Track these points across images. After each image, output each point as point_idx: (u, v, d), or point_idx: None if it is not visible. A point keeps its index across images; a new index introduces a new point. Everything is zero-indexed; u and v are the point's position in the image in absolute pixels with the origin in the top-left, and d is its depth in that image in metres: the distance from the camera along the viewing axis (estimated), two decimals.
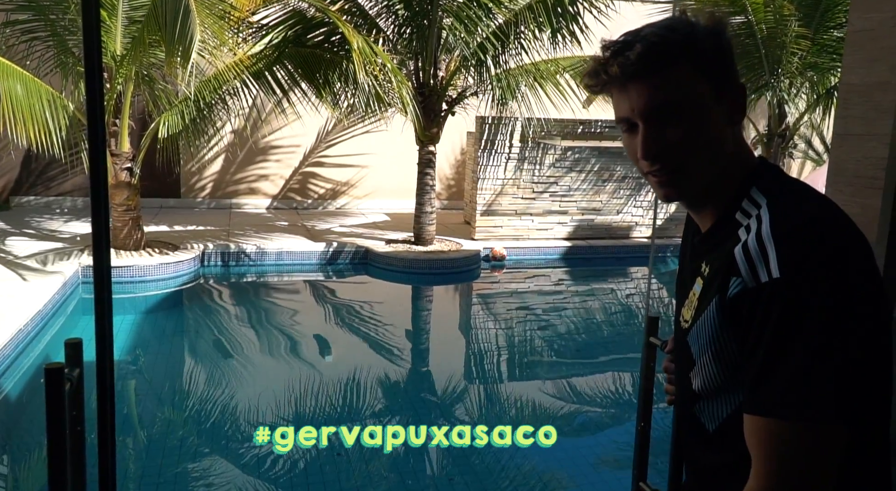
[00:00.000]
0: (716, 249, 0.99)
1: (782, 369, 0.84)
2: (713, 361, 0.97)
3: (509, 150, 8.36)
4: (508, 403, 4.70)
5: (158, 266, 6.39)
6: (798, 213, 0.91)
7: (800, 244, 0.86)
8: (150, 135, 6.51)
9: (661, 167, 0.97)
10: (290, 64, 6.57)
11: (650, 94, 0.94)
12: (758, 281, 0.87)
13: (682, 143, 0.95)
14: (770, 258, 0.86)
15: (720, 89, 0.97)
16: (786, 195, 0.95)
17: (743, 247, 0.90)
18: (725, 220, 1.00)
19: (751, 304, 0.88)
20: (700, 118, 0.96)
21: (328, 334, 5.88)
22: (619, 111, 0.99)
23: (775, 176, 1.01)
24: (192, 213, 9.38)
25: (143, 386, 4.57)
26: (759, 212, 0.93)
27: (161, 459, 3.54)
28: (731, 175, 1.00)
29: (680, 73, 0.94)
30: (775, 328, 0.85)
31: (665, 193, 1.00)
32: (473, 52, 7.21)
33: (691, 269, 1.08)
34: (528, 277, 8.14)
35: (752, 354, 0.88)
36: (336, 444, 3.81)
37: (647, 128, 0.96)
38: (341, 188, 10.51)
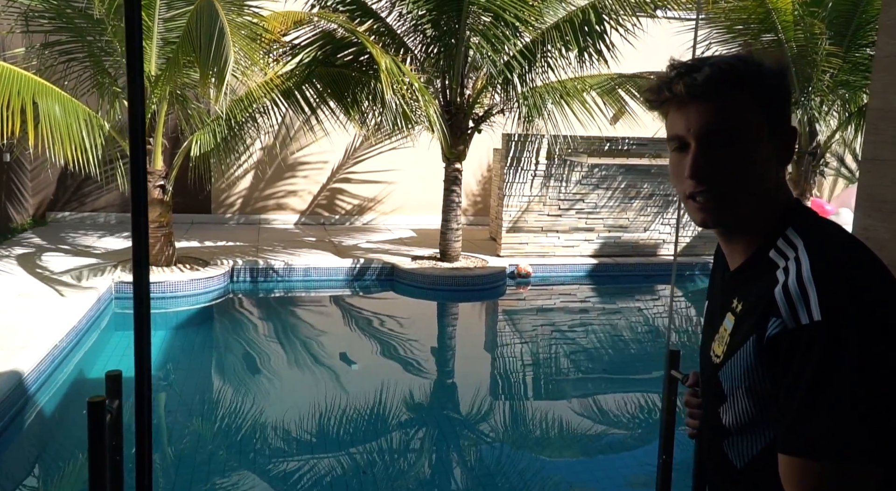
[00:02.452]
0: (749, 285, 1.01)
1: (821, 410, 0.86)
2: (746, 397, 0.98)
3: (535, 167, 8.38)
4: (534, 421, 4.68)
5: (189, 282, 6.51)
6: (839, 259, 0.93)
7: (841, 290, 0.89)
8: (182, 153, 6.67)
9: (706, 190, 0.99)
10: (319, 83, 6.69)
11: (710, 116, 0.97)
12: (798, 323, 0.89)
13: (728, 169, 0.98)
14: (811, 301, 0.88)
15: (774, 127, 1.00)
16: (823, 238, 0.97)
17: (783, 288, 0.92)
18: (759, 257, 1.01)
19: (790, 344, 0.89)
20: (751, 149, 0.98)
21: (354, 350, 5.92)
22: (673, 129, 1.02)
23: (811, 218, 1.03)
24: (221, 229, 9.54)
25: (174, 400, 4.64)
26: (798, 254, 0.95)
27: (191, 474, 3.60)
28: (769, 212, 1.02)
29: (741, 102, 0.97)
30: (815, 369, 0.86)
31: (703, 218, 1.02)
32: (500, 71, 7.26)
33: (722, 303, 1.09)
34: (554, 294, 8.12)
35: (790, 394, 0.89)
36: (362, 461, 3.84)
37: (700, 148, 0.98)
38: (368, 204, 10.61)
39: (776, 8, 7.55)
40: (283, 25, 6.31)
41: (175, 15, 6.36)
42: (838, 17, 7.88)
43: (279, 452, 3.90)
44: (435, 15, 7.02)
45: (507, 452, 4.17)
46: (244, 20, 5.67)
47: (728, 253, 1.09)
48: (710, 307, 1.17)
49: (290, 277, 7.38)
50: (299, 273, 7.40)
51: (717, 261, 1.18)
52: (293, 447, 3.97)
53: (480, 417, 4.68)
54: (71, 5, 6.23)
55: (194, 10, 5.30)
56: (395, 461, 3.94)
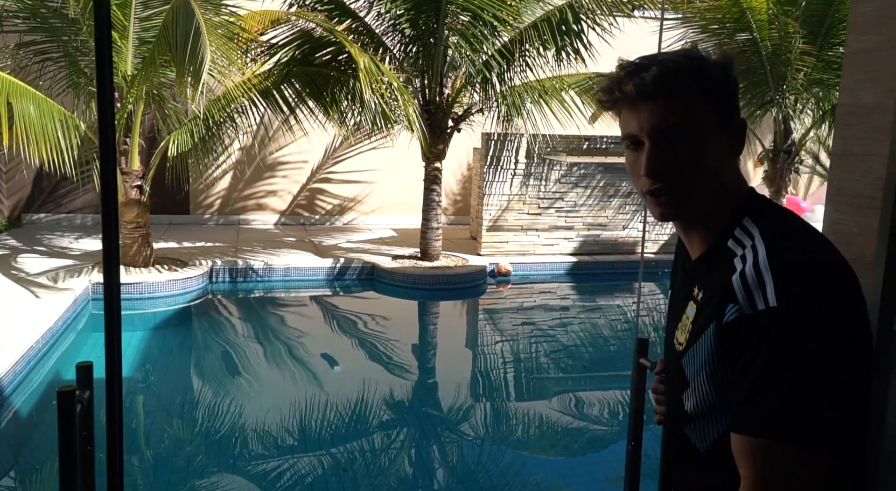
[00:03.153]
0: (708, 274, 1.04)
1: (773, 391, 0.89)
2: (707, 382, 1.01)
3: (515, 166, 8.41)
4: (515, 419, 4.71)
5: (167, 282, 6.45)
6: (794, 247, 0.96)
7: (796, 276, 0.92)
8: (159, 153, 6.60)
9: (662, 186, 1.02)
10: (297, 82, 6.66)
11: (660, 114, 1.00)
12: (755, 308, 0.91)
13: (684, 164, 1.00)
14: (767, 288, 0.91)
15: (724, 120, 1.03)
16: (778, 226, 1.01)
17: (741, 276, 0.94)
18: (718, 247, 1.04)
19: (747, 329, 0.92)
20: (703, 144, 1.01)
21: (334, 350, 5.91)
22: (626, 128, 1.05)
23: (766, 207, 1.06)
24: (200, 229, 9.46)
25: (152, 402, 4.60)
26: (754, 242, 0.98)
27: (168, 476, 3.57)
28: (726, 203, 1.05)
29: (690, 98, 1.00)
30: (770, 352, 0.89)
31: (661, 212, 1.05)
32: (479, 70, 7.29)
33: (684, 293, 1.12)
34: (534, 292, 8.16)
35: (744, 376, 0.92)
36: (343, 461, 3.83)
37: (654, 146, 1.01)
38: (348, 204, 10.59)
39: (750, 7, 7.66)
40: (260, 24, 6.27)
41: (151, 14, 6.30)
42: (811, 16, 8.01)
43: (259, 452, 3.88)
44: (413, 14, 7.02)
45: (488, 449, 4.17)
46: (221, 19, 5.63)
47: (688, 244, 1.12)
48: (674, 297, 1.20)
49: (269, 278, 7.34)
50: (279, 273, 7.36)
51: (679, 252, 1.22)
52: (273, 448, 3.95)
53: (461, 415, 4.69)
54: (45, 5, 6.14)
55: (170, 9, 5.25)
56: (376, 460, 3.93)
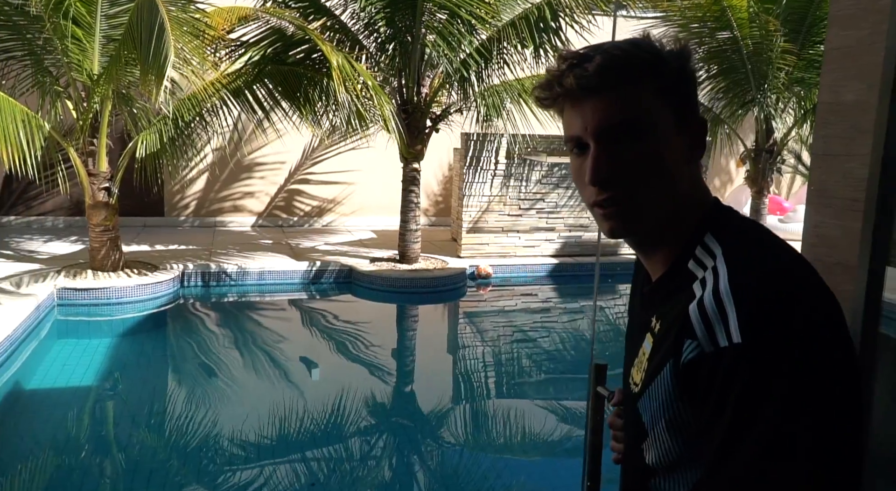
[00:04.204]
0: (667, 301, 0.89)
1: (743, 450, 0.73)
2: (667, 433, 0.86)
3: (495, 166, 8.29)
4: (495, 423, 4.61)
5: (136, 287, 6.26)
6: (760, 267, 0.80)
7: (763, 303, 0.76)
8: (128, 154, 6.40)
9: (610, 196, 0.87)
10: (269, 82, 6.49)
11: (606, 110, 0.85)
12: (716, 345, 0.76)
13: (635, 169, 0.85)
14: (730, 319, 0.76)
15: (681, 119, 0.88)
16: (744, 243, 0.85)
17: (698, 305, 0.79)
18: (677, 268, 0.89)
19: (708, 371, 0.77)
20: (657, 146, 0.86)
21: (309, 355, 5.75)
22: (569, 129, 0.89)
23: (731, 220, 0.90)
24: (175, 232, 9.25)
25: (121, 410, 4.45)
26: (716, 263, 0.82)
27: (138, 485, 3.43)
28: (685, 216, 0.90)
29: (641, 92, 0.85)
30: (736, 402, 0.74)
31: (610, 227, 0.89)
32: (457, 69, 7.16)
33: (640, 323, 0.97)
34: (515, 295, 8.04)
35: (709, 431, 0.77)
36: (318, 468, 3.71)
37: (599, 148, 0.86)
38: (327, 205, 10.42)
39: (731, 5, 7.60)
40: (227, 22, 6.09)
41: (119, 11, 6.10)
42: (793, 13, 7.97)
43: (232, 461, 3.76)
44: (389, 12, 6.88)
45: (467, 455, 4.10)
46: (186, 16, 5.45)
47: (647, 264, 0.97)
48: (630, 327, 1.05)
49: (243, 281, 7.16)
50: (253, 277, 7.19)
51: (637, 274, 1.06)
52: (246, 456, 3.82)
53: (440, 420, 4.58)
54: (7, 2, 5.93)
55: (135, 5, 5.08)
56: (354, 468, 3.83)
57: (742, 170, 9.41)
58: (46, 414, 4.22)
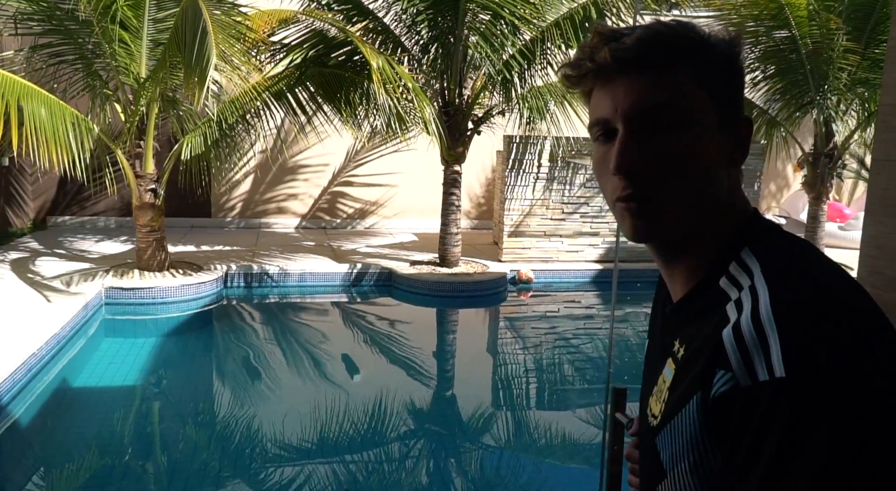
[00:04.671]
0: (693, 324, 0.77)
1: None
2: (689, 475, 0.74)
3: (538, 169, 8.15)
4: (537, 431, 4.51)
5: (180, 287, 6.36)
6: (809, 289, 0.69)
7: (813, 332, 0.65)
8: (173, 156, 6.52)
9: (636, 190, 0.76)
10: (311, 84, 6.51)
11: (642, 91, 0.74)
12: (755, 379, 0.65)
13: (668, 163, 0.74)
14: (772, 349, 0.65)
15: (725, 115, 0.77)
16: (788, 262, 0.73)
17: (734, 330, 0.68)
18: (706, 285, 0.78)
19: (743, 409, 0.66)
20: (695, 140, 0.75)
21: (348, 357, 5.75)
22: (596, 111, 0.78)
23: (773, 235, 0.79)
24: (221, 233, 9.40)
25: (165, 408, 4.53)
26: (753, 282, 0.71)
27: (184, 483, 3.47)
28: (719, 226, 0.79)
29: (683, 77, 0.74)
30: (776, 448, 0.63)
31: (633, 226, 0.78)
32: (499, 71, 7.06)
33: (662, 346, 0.85)
34: (557, 300, 7.89)
35: (742, 480, 0.67)
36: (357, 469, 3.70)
37: (629, 134, 0.75)
38: (370, 208, 10.44)
39: (789, 3, 7.27)
40: (267, 25, 6.13)
41: (166, 16, 6.22)
42: (856, 11, 7.58)
43: (274, 461, 3.77)
44: (432, 14, 6.83)
45: (507, 462, 4.02)
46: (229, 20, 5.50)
47: (669, 280, 0.85)
48: (650, 350, 0.93)
49: (284, 283, 7.21)
50: (294, 278, 7.23)
51: (660, 291, 0.94)
52: (288, 456, 3.84)
53: (480, 426, 4.51)
54: (60, 7, 6.10)
55: (181, 8, 5.15)
56: (392, 470, 3.82)
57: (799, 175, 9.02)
58: (92, 411, 4.30)
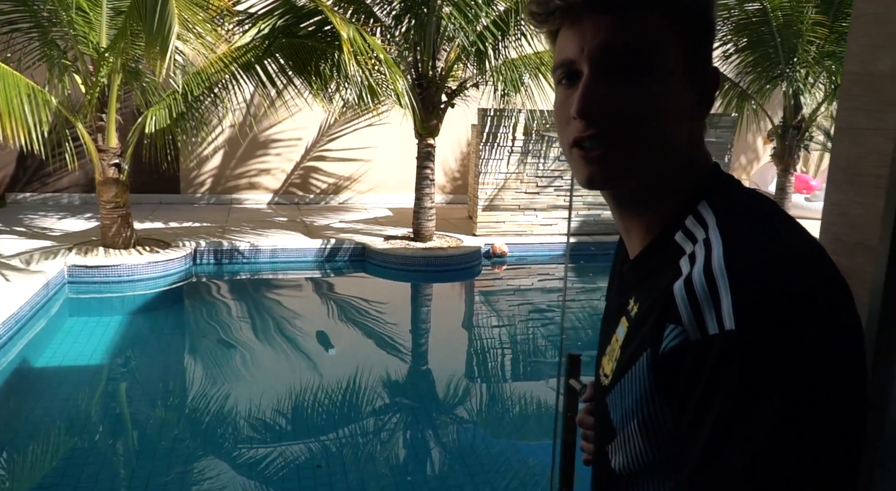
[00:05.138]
0: (648, 280, 0.75)
1: (731, 456, 0.61)
2: (639, 434, 0.72)
3: (512, 143, 8.11)
4: (512, 403, 4.53)
5: (147, 265, 6.24)
6: (764, 242, 0.66)
7: (765, 285, 0.62)
8: (137, 129, 6.34)
9: (595, 134, 0.72)
10: (280, 56, 6.35)
11: (610, 31, 0.71)
12: (704, 333, 0.63)
13: (631, 108, 0.71)
14: (723, 302, 0.62)
15: (692, 65, 0.74)
16: (745, 214, 0.71)
17: (686, 283, 0.65)
18: (662, 241, 0.75)
19: (693, 363, 0.64)
20: (661, 87, 0.72)
21: (322, 333, 5.71)
22: (562, 52, 0.74)
23: (732, 188, 0.76)
24: (190, 209, 9.24)
25: (133, 387, 4.46)
26: (708, 235, 0.69)
27: (151, 463, 3.42)
28: (679, 179, 0.76)
29: (653, 21, 0.71)
30: (725, 403, 0.61)
31: (589, 173, 0.74)
32: (473, 42, 6.96)
33: (617, 305, 0.83)
34: (532, 273, 7.90)
35: (692, 435, 0.64)
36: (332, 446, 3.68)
37: (594, 76, 0.71)
38: (344, 183, 10.32)
39: None
40: None
41: None
42: None
43: (247, 439, 3.73)
44: None
45: (482, 434, 4.04)
46: None
47: (626, 238, 0.82)
48: (607, 311, 0.91)
49: (256, 259, 7.12)
50: (266, 254, 7.14)
51: (619, 250, 0.91)
52: (261, 434, 3.81)
53: (455, 399, 4.53)
54: None
55: None
56: (368, 445, 3.81)
57: (769, 147, 9.09)
58: (56, 391, 4.22)
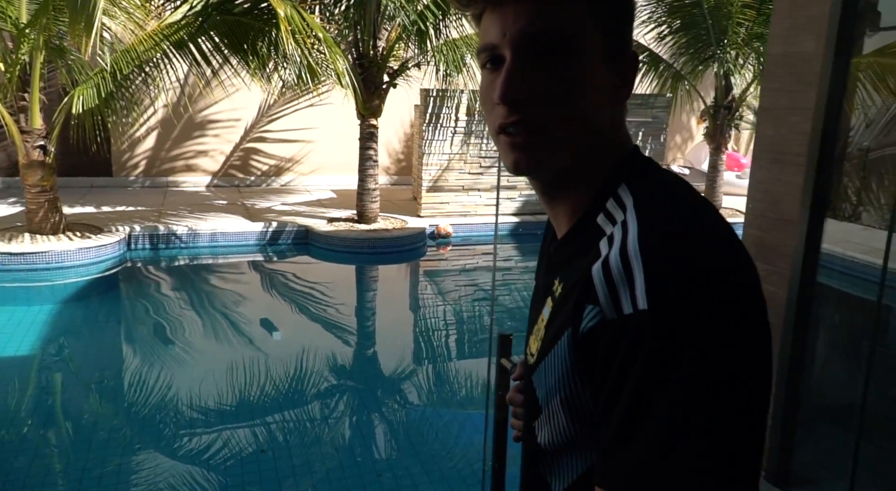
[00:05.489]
0: (572, 261, 0.77)
1: (644, 432, 0.63)
2: (562, 410, 0.75)
3: (455, 123, 8.11)
4: (458, 382, 4.57)
5: (78, 251, 6.01)
6: (675, 223, 0.69)
7: (676, 268, 0.65)
8: (64, 110, 6.07)
9: (519, 120, 0.73)
10: (215, 34, 6.16)
11: (531, 17, 0.72)
12: (620, 312, 0.65)
13: (553, 93, 0.73)
14: (636, 282, 0.64)
15: (612, 49, 0.76)
16: (660, 196, 0.73)
17: (603, 265, 0.67)
18: (586, 223, 0.77)
19: (609, 342, 0.66)
20: (582, 72, 0.73)
21: (265, 318, 5.62)
22: (486, 37, 0.76)
23: (649, 171, 0.78)
24: (124, 193, 8.92)
25: (67, 378, 4.32)
26: (626, 217, 0.71)
27: (87, 454, 3.33)
28: (600, 162, 0.78)
29: (574, 6, 0.73)
30: (639, 379, 0.63)
31: (515, 159, 0.75)
32: (413, 22, 6.90)
33: (544, 286, 0.85)
34: (476, 254, 7.97)
35: (609, 411, 0.67)
36: (279, 432, 3.64)
37: (516, 61, 0.73)
38: (285, 164, 10.14)
39: None
40: None
41: None
42: None
43: (188, 427, 3.66)
44: None
45: (429, 415, 4.07)
46: None
47: (554, 220, 0.84)
48: (535, 291, 0.93)
49: (195, 243, 6.94)
50: (205, 238, 6.97)
51: (547, 232, 0.93)
52: (204, 422, 3.74)
53: (402, 380, 4.56)
54: None
55: None
56: (314, 429, 3.79)
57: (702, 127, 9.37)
58: None
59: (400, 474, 3.29)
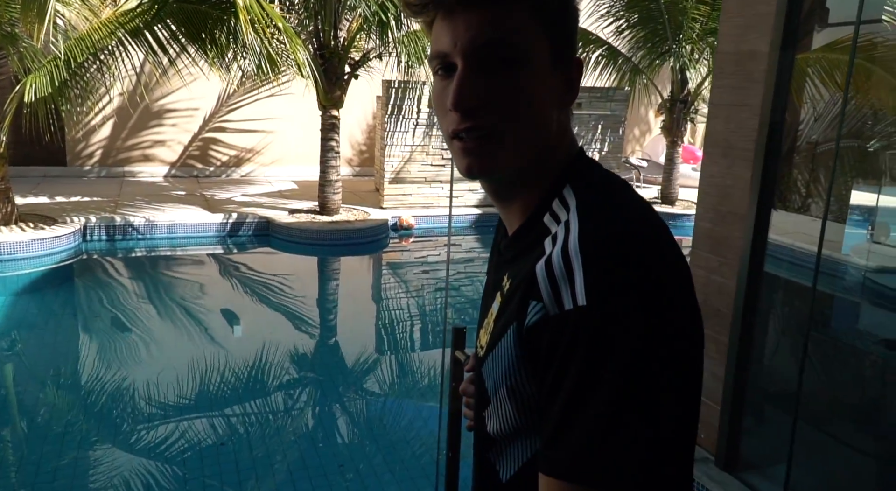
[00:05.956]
0: (520, 258, 0.81)
1: (583, 421, 0.67)
2: (508, 401, 0.79)
3: (417, 115, 8.12)
4: (420, 373, 4.60)
5: (31, 242, 5.86)
6: (614, 224, 0.73)
7: (613, 265, 0.69)
8: (15, 98, 5.89)
9: (472, 126, 0.76)
10: (172, 22, 6.04)
11: (481, 27, 0.75)
12: (561, 308, 0.69)
13: (504, 100, 0.76)
14: (576, 280, 0.68)
15: (558, 56, 0.79)
16: (599, 197, 0.77)
17: (546, 263, 0.71)
18: (533, 222, 0.81)
19: (551, 337, 0.70)
20: (530, 79, 0.76)
21: (225, 311, 5.57)
22: (437, 44, 0.78)
23: (592, 172, 0.82)
24: (79, 182, 8.71)
25: (20, 371, 4.23)
26: (569, 216, 0.75)
27: (41, 447, 3.27)
28: (548, 165, 0.82)
29: (521, 15, 0.75)
30: (578, 369, 0.67)
31: (468, 164, 0.78)
32: (374, 12, 6.87)
33: (494, 281, 0.89)
34: (439, 245, 8.01)
35: (551, 401, 0.70)
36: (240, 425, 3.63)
37: (467, 70, 0.75)
38: (245, 155, 10.01)
39: None
40: None
41: None
42: None
43: (146, 420, 3.61)
44: None
45: (390, 406, 4.09)
46: None
47: (506, 219, 0.88)
48: (486, 286, 0.97)
49: (152, 235, 6.83)
50: (163, 230, 6.86)
51: (500, 228, 0.97)
52: (162, 415, 3.70)
53: (364, 371, 4.57)
54: None
55: None
56: (276, 421, 3.77)
57: (659, 120, 9.56)
58: None
59: (361, 464, 3.32)
